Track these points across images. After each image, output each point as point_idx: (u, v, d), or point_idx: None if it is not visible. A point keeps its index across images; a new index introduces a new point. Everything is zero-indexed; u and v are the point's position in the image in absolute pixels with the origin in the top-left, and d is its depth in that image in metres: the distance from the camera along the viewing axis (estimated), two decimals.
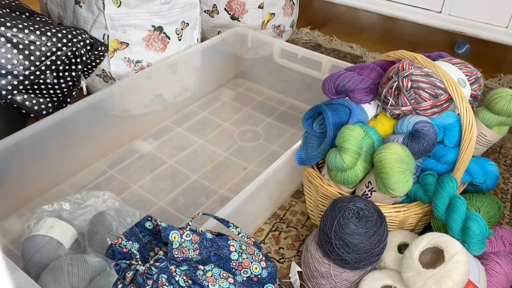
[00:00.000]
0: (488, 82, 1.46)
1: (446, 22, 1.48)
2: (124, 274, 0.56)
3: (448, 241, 0.68)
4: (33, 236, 0.75)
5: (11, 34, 0.89)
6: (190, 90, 1.27)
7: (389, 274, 0.73)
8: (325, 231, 0.73)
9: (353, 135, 0.75)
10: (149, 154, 1.11)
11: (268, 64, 1.31)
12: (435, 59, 0.89)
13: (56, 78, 0.99)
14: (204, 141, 1.16)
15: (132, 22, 1.10)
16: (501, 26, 1.41)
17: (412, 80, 0.76)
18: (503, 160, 1.16)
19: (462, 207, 0.71)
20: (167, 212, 0.96)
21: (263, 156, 1.13)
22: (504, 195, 1.05)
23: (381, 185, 0.73)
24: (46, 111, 1.00)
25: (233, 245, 0.63)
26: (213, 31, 1.47)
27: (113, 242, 0.59)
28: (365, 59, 1.57)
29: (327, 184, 0.81)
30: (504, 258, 0.73)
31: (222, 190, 1.02)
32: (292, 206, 0.99)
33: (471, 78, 0.83)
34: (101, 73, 1.15)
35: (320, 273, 0.75)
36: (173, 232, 0.60)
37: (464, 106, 0.74)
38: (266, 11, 1.44)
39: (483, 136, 0.87)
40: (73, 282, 0.66)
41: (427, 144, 0.75)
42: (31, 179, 0.94)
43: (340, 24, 1.85)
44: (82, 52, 0.99)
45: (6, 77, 0.89)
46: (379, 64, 0.89)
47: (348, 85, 0.84)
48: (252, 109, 1.29)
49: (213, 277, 0.60)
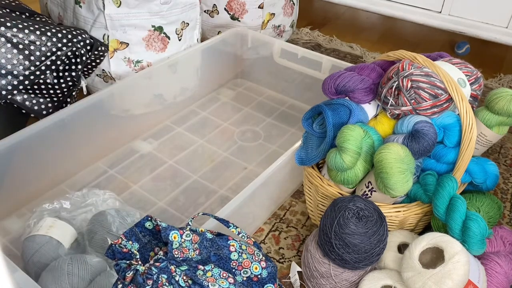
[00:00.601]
0: (488, 82, 1.46)
1: (446, 22, 1.48)
2: (124, 274, 0.56)
3: (448, 241, 0.68)
4: (33, 236, 0.75)
5: (11, 34, 0.89)
6: (190, 90, 1.27)
7: (389, 274, 0.73)
8: (325, 231, 0.73)
9: (353, 135, 0.75)
10: (149, 154, 1.11)
11: (268, 64, 1.31)
12: (435, 59, 0.89)
13: (56, 78, 0.99)
14: (204, 141, 1.16)
15: (132, 22, 1.10)
16: (501, 26, 1.41)
17: (412, 80, 0.76)
18: (503, 160, 1.16)
19: (462, 207, 0.71)
20: (167, 212, 0.96)
21: (263, 156, 1.13)
22: (504, 195, 1.05)
23: (381, 185, 0.73)
24: (46, 111, 1.00)
25: (233, 245, 0.63)
26: (213, 31, 1.47)
27: (113, 242, 0.59)
28: (365, 59, 1.57)
29: (327, 184, 0.81)
30: (504, 258, 0.73)
31: (222, 190, 1.02)
32: (292, 206, 0.99)
33: (471, 78, 0.83)
34: (101, 73, 1.15)
35: (320, 273, 0.75)
36: (173, 232, 0.60)
37: (464, 106, 0.74)
38: (266, 11, 1.44)
39: (483, 136, 0.87)
40: (73, 282, 0.66)
41: (427, 144, 0.75)
42: (31, 179, 0.94)
43: (340, 24, 1.85)
44: (82, 52, 0.99)
45: (6, 77, 0.89)
46: (379, 64, 0.89)
47: (348, 85, 0.84)
48: (252, 109, 1.29)
49: (213, 277, 0.60)
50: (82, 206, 0.85)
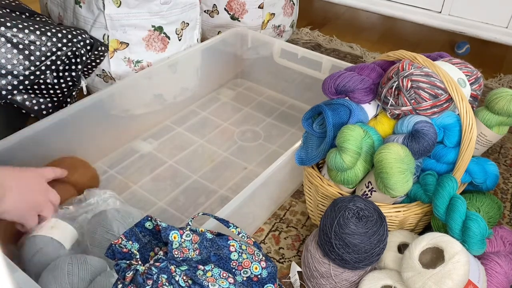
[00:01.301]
0: (488, 82, 1.46)
1: (446, 22, 1.48)
2: (124, 274, 0.56)
3: (448, 241, 0.68)
4: (34, 237, 0.75)
5: (11, 34, 0.89)
6: (190, 90, 1.27)
7: (389, 274, 0.73)
8: (325, 231, 0.73)
9: (353, 135, 0.75)
10: (149, 154, 1.11)
11: (268, 64, 1.31)
12: (435, 59, 0.89)
13: (56, 78, 0.99)
14: (204, 141, 1.16)
15: (132, 22, 1.10)
16: (501, 26, 1.41)
17: (412, 80, 0.76)
18: (503, 160, 1.16)
19: (462, 207, 0.71)
20: (167, 212, 0.96)
21: (263, 156, 1.12)
22: (504, 195, 1.05)
23: (381, 185, 0.73)
24: (46, 111, 1.00)
25: (233, 245, 0.63)
26: (213, 31, 1.47)
27: (113, 242, 0.59)
28: (365, 59, 1.57)
29: (327, 184, 0.81)
30: (504, 258, 0.73)
31: (222, 190, 1.02)
32: (292, 206, 0.99)
33: (471, 78, 0.83)
34: (101, 73, 1.15)
35: (320, 273, 0.75)
36: (173, 232, 0.60)
37: (464, 106, 0.74)
38: (266, 11, 1.44)
39: (483, 136, 0.87)
40: (73, 282, 0.66)
41: (427, 144, 0.75)
42: None
43: (340, 24, 1.85)
44: (82, 52, 0.99)
45: (6, 77, 0.89)
46: (379, 64, 0.89)
47: (348, 85, 0.84)
48: (252, 109, 1.29)
49: (213, 277, 0.60)
50: (82, 206, 0.85)
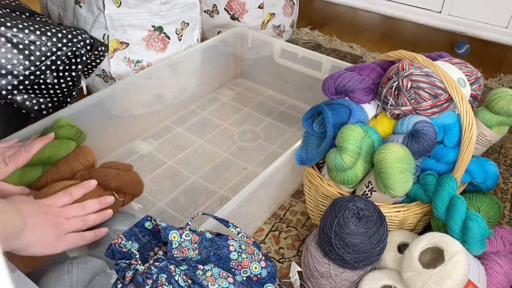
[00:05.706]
0: (488, 82, 1.46)
1: (446, 22, 1.48)
2: (124, 274, 0.56)
3: (448, 241, 0.68)
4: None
5: (11, 34, 0.89)
6: (190, 90, 1.27)
7: (389, 274, 0.73)
8: (325, 231, 0.73)
9: (353, 135, 0.75)
10: (149, 154, 1.11)
11: (268, 64, 1.31)
12: (435, 59, 0.89)
13: (56, 78, 0.99)
14: (204, 141, 1.16)
15: (132, 22, 1.10)
16: (501, 26, 1.41)
17: (412, 80, 0.76)
18: (503, 160, 1.16)
19: (462, 207, 0.71)
20: (167, 212, 0.96)
21: (263, 156, 1.12)
22: (504, 195, 1.05)
23: (381, 185, 0.73)
24: (46, 111, 1.00)
25: (232, 245, 0.63)
26: (213, 31, 1.47)
27: (113, 242, 0.59)
28: (365, 59, 1.57)
29: (327, 184, 0.81)
30: (504, 258, 0.73)
31: (222, 190, 1.02)
32: (292, 206, 0.99)
33: (471, 78, 0.83)
34: (101, 73, 1.15)
35: (320, 273, 0.75)
36: (173, 232, 0.60)
37: (464, 106, 0.74)
38: (266, 11, 1.44)
39: (483, 136, 0.87)
40: (72, 282, 0.66)
41: (427, 144, 0.75)
42: None
43: (340, 24, 1.85)
44: (82, 52, 0.99)
45: (6, 77, 0.89)
46: (379, 64, 0.89)
47: (348, 85, 0.84)
48: (252, 109, 1.29)
49: (213, 277, 0.60)
50: None
